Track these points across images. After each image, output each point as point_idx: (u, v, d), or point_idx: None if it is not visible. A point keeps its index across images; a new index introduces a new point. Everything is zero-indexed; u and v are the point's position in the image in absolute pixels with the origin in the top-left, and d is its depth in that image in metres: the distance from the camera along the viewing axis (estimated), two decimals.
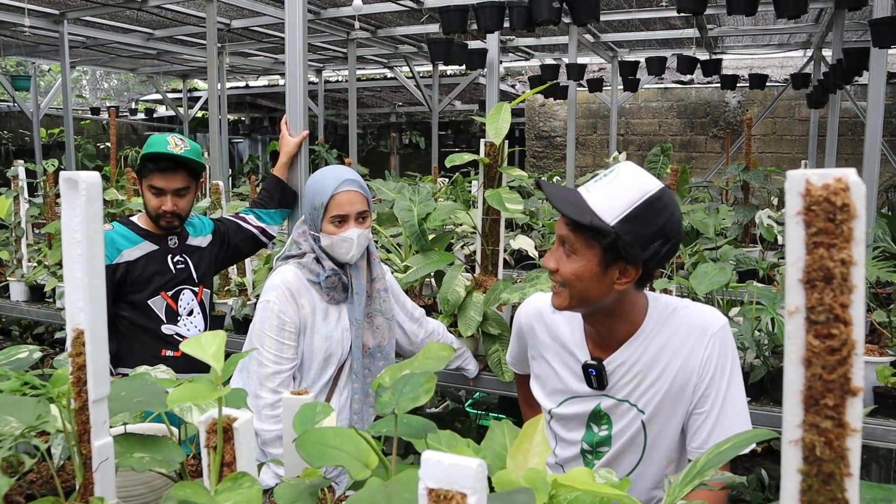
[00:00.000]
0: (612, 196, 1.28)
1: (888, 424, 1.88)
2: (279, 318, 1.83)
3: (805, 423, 0.51)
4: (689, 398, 1.39)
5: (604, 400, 1.44)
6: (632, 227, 1.27)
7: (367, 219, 1.91)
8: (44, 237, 3.89)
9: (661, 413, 1.41)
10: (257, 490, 0.67)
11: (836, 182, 0.48)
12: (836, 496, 0.51)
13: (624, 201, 1.27)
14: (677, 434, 1.44)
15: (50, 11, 6.41)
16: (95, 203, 0.83)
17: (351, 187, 1.87)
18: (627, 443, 1.45)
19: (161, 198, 2.23)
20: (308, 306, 1.88)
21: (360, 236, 1.87)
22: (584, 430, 1.48)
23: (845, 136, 8.75)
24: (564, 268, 1.33)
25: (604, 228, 1.26)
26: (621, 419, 1.44)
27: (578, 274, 1.31)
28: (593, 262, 1.30)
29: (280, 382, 1.82)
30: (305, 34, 2.52)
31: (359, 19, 6.20)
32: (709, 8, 5.42)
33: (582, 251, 1.31)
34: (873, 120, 3.15)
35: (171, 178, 2.23)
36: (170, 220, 2.26)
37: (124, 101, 14.40)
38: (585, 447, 1.49)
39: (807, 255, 0.49)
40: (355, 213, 1.87)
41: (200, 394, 0.69)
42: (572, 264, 1.32)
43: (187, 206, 2.31)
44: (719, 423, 1.38)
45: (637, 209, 1.27)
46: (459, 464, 0.53)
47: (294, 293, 1.86)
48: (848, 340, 0.49)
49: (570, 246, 1.32)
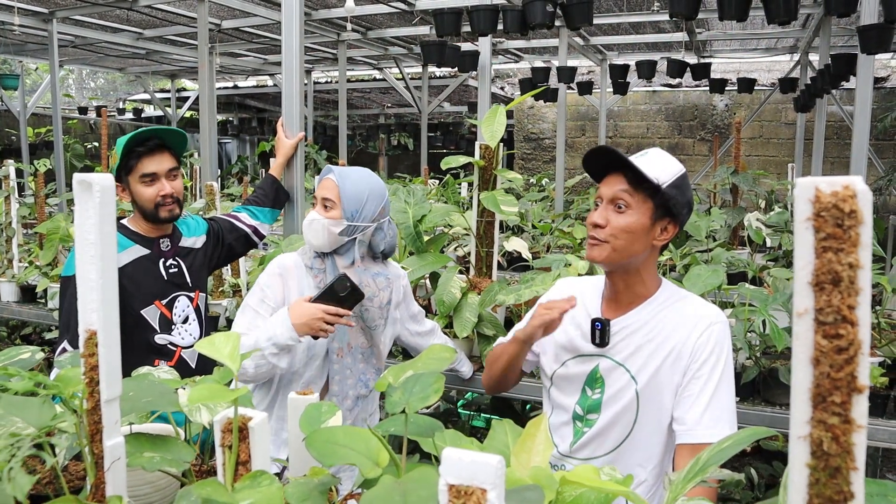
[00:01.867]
0: (661, 165, 1.50)
1: (876, 423, 1.92)
2: (262, 291, 1.89)
3: (813, 419, 0.53)
4: (680, 377, 1.49)
5: (603, 361, 1.55)
6: (677, 192, 1.49)
7: (332, 210, 1.86)
8: (34, 237, 3.87)
9: (653, 386, 1.50)
10: (277, 488, 0.68)
11: (845, 189, 0.50)
12: (842, 489, 0.53)
13: (670, 171, 1.50)
14: (667, 416, 1.50)
15: (39, 10, 6.37)
16: (109, 205, 0.84)
17: (327, 174, 1.90)
18: (619, 413, 1.52)
19: (157, 183, 2.11)
20: (295, 289, 1.89)
21: (313, 221, 1.86)
22: (580, 394, 1.59)
23: (831, 139, 8.85)
24: (616, 221, 1.49)
25: (661, 188, 1.47)
26: (615, 384, 1.54)
27: (631, 227, 1.49)
28: (646, 216, 1.49)
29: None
30: (302, 38, 2.54)
31: (350, 21, 6.22)
32: (700, 13, 5.48)
33: (636, 206, 1.49)
34: (861, 125, 3.20)
35: (160, 158, 2.12)
36: (171, 205, 2.13)
37: (111, 101, 14.32)
38: (577, 411, 1.59)
39: (816, 259, 0.51)
40: (321, 199, 1.89)
41: (219, 394, 0.70)
42: (626, 218, 1.49)
43: (182, 189, 2.19)
44: (710, 410, 1.45)
45: (679, 178, 1.51)
46: (480, 460, 0.55)
47: (284, 272, 1.90)
48: (855, 340, 0.51)
49: (624, 203, 1.49)
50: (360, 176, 1.91)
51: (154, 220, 2.16)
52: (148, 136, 2.11)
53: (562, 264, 2.28)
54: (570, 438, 1.59)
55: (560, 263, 2.30)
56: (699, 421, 1.44)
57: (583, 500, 0.87)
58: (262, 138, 13.28)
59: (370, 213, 1.89)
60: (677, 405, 1.48)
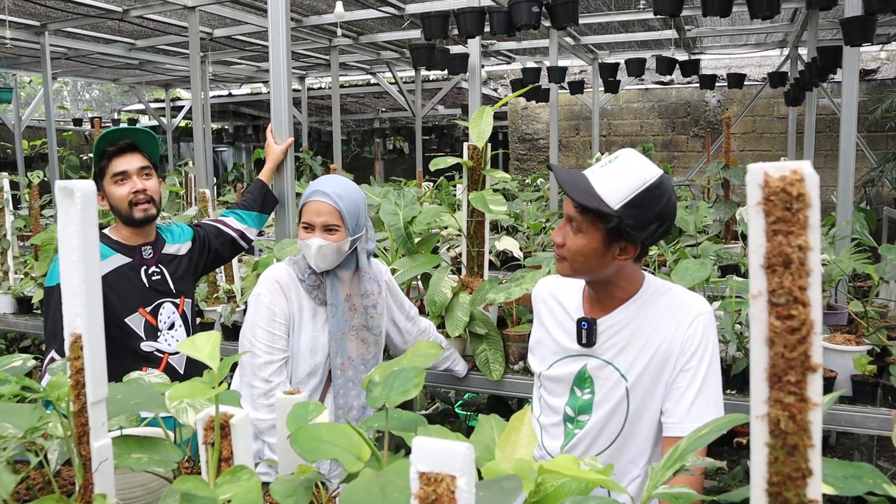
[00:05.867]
0: (616, 182, 1.39)
1: (866, 411, 1.93)
2: (269, 310, 1.87)
3: (770, 398, 0.54)
4: (669, 371, 1.48)
5: (590, 361, 1.54)
6: (634, 211, 1.38)
7: (338, 233, 1.85)
8: (30, 249, 3.89)
9: (643, 382, 1.49)
10: (256, 482, 0.69)
11: (792, 174, 0.52)
12: (800, 466, 0.54)
13: (627, 187, 1.38)
14: (657, 411, 1.50)
15: (31, 23, 6.39)
16: (90, 210, 0.85)
17: (320, 198, 1.85)
18: (610, 412, 1.52)
19: (128, 181, 2.12)
20: (296, 302, 1.90)
21: (322, 248, 1.83)
22: (569, 395, 1.57)
23: (823, 132, 8.87)
24: (570, 243, 1.45)
25: (608, 213, 1.38)
26: (605, 384, 1.52)
27: (583, 250, 1.44)
28: (597, 240, 1.42)
29: (272, 372, 1.84)
30: (289, 43, 2.55)
31: (341, 26, 6.24)
32: (685, 9, 5.51)
33: (587, 230, 1.42)
34: (848, 116, 3.22)
35: (131, 158, 2.13)
36: (145, 205, 2.12)
37: (106, 112, 14.34)
38: (568, 413, 1.57)
39: (767, 243, 0.53)
40: (320, 224, 1.84)
41: (198, 391, 0.71)
42: (578, 241, 1.44)
43: (156, 188, 2.18)
44: (697, 402, 1.45)
45: (639, 195, 1.38)
46: (449, 448, 0.56)
47: (283, 287, 1.89)
48: (807, 321, 0.52)
49: (576, 225, 1.44)
50: (348, 189, 1.90)
51: (131, 223, 2.15)
52: (118, 138, 2.14)
53: (552, 262, 2.30)
54: (562, 440, 1.59)
55: (550, 261, 2.32)
56: (687, 414, 1.44)
57: (564, 491, 0.88)
58: (257, 146, 13.30)
59: (363, 221, 1.93)
60: (666, 398, 1.48)
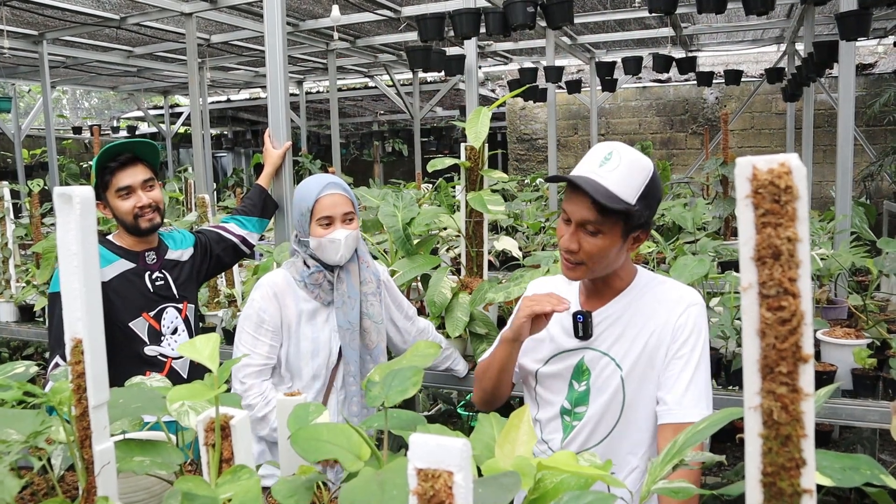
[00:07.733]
0: (627, 179, 1.44)
1: (866, 405, 1.93)
2: (258, 316, 1.90)
3: (763, 390, 0.55)
4: (661, 359, 1.51)
5: (587, 353, 1.56)
6: (647, 201, 1.46)
7: (354, 220, 1.93)
8: (31, 257, 3.90)
9: (637, 370, 1.52)
10: (256, 481, 0.70)
11: (780, 166, 0.53)
12: (794, 456, 0.55)
13: (637, 181, 1.44)
14: (653, 400, 1.52)
15: (29, 32, 6.40)
16: (89, 216, 0.86)
17: (334, 190, 1.92)
18: (606, 402, 1.54)
19: (133, 196, 2.14)
20: (293, 307, 1.92)
21: (348, 237, 1.90)
22: (567, 389, 1.60)
23: (822, 127, 8.88)
24: (589, 247, 1.47)
25: (631, 210, 1.43)
26: (601, 374, 1.55)
27: (604, 251, 1.47)
28: (617, 236, 1.47)
29: (247, 374, 1.88)
30: (285, 47, 2.56)
31: (337, 30, 6.25)
32: (680, 7, 5.52)
33: (608, 230, 1.46)
34: (845, 110, 3.22)
35: (133, 171, 2.15)
36: (150, 215, 2.16)
37: (106, 120, 14.36)
38: (565, 406, 1.59)
39: (756, 235, 0.53)
40: (341, 215, 1.91)
41: (198, 393, 0.72)
42: (598, 242, 1.47)
43: (160, 197, 2.21)
44: (690, 389, 1.47)
45: (647, 185, 1.45)
46: (445, 444, 0.57)
47: (278, 293, 1.91)
48: (797, 311, 0.53)
49: (594, 227, 1.46)
50: (342, 180, 1.97)
51: (136, 233, 2.18)
52: (119, 151, 2.15)
53: (550, 261, 2.30)
54: (560, 434, 1.60)
55: (549, 260, 2.32)
56: (680, 401, 1.46)
57: (563, 486, 0.89)
58: (256, 151, 13.30)
59: None
60: (660, 386, 1.51)
